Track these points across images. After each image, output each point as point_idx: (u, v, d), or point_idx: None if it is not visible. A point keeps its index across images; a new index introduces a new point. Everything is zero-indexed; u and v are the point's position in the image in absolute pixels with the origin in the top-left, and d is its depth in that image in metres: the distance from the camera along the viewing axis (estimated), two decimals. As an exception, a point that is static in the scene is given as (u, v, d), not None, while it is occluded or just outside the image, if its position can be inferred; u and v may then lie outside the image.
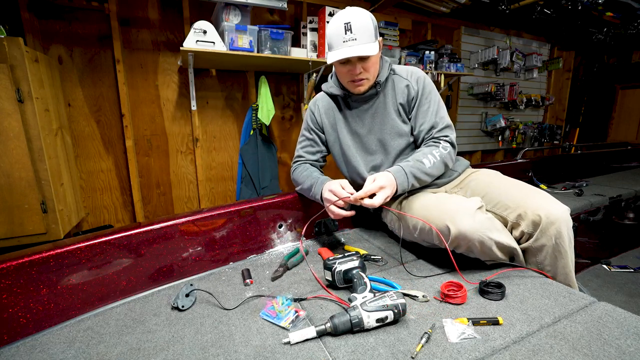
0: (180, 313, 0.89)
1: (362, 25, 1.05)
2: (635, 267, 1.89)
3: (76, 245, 0.94)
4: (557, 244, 0.97)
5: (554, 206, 0.98)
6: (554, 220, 0.96)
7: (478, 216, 0.95)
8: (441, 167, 1.16)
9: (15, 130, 1.44)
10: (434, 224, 0.99)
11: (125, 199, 2.18)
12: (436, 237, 1.00)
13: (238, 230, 1.22)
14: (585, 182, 2.35)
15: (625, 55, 4.17)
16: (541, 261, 1.02)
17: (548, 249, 0.98)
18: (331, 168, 1.49)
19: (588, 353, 0.67)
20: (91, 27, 1.94)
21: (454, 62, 2.80)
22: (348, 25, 1.04)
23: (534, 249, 1.01)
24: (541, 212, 0.97)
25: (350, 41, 1.05)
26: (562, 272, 1.00)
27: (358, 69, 1.10)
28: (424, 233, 1.06)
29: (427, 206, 1.06)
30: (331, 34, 1.08)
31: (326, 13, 2.11)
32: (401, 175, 1.07)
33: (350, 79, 1.14)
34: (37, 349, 0.78)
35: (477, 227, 0.93)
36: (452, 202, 1.01)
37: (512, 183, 1.15)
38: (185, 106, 2.25)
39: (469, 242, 0.94)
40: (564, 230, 0.96)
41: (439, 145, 1.16)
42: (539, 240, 0.99)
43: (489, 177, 1.21)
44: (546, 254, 1.00)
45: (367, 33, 1.05)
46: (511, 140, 3.75)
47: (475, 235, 0.92)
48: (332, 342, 0.74)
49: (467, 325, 0.76)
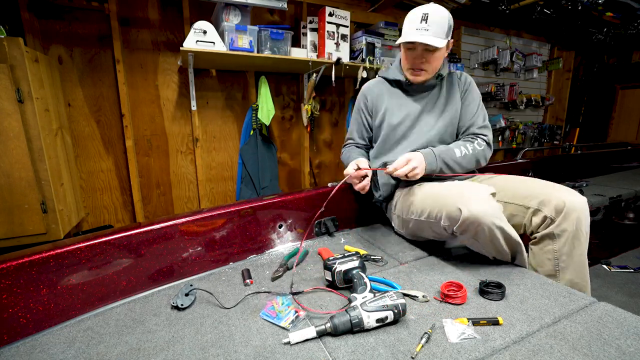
0: (180, 313, 0.89)
1: (438, 20, 1.13)
2: (636, 267, 1.89)
3: (76, 246, 0.94)
4: (577, 230, 1.00)
5: (575, 195, 1.04)
6: (577, 208, 1.00)
7: (491, 201, 0.97)
8: (472, 160, 1.23)
9: (15, 130, 1.43)
10: (445, 207, 1.00)
11: (125, 199, 2.18)
12: (445, 220, 1.00)
13: (238, 231, 1.22)
14: (585, 182, 2.35)
15: (625, 55, 4.17)
16: (559, 248, 1.03)
17: (569, 234, 1.01)
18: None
19: (588, 353, 0.67)
20: (91, 27, 1.93)
21: (454, 62, 2.81)
22: (425, 16, 1.13)
23: (555, 234, 1.03)
24: (565, 199, 1.01)
25: (423, 30, 1.13)
26: (578, 260, 1.02)
27: (421, 58, 1.19)
28: (432, 217, 1.06)
29: (441, 191, 1.08)
30: (408, 20, 1.18)
31: (326, 13, 2.11)
32: (430, 157, 1.17)
33: (411, 66, 1.23)
34: (37, 349, 0.78)
35: (490, 211, 0.94)
36: (466, 187, 1.03)
37: (529, 178, 1.22)
38: (185, 106, 2.25)
39: (477, 227, 0.94)
40: (583, 218, 1.01)
41: (474, 141, 1.26)
42: (561, 225, 1.01)
43: (506, 176, 1.27)
44: (566, 241, 1.01)
45: (440, 29, 1.13)
46: (511, 141, 3.75)
47: (487, 219, 0.93)
48: (332, 342, 0.74)
49: (467, 326, 0.76)
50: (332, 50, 2.17)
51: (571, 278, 1.02)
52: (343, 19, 2.18)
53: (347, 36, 2.21)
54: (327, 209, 1.43)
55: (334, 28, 2.16)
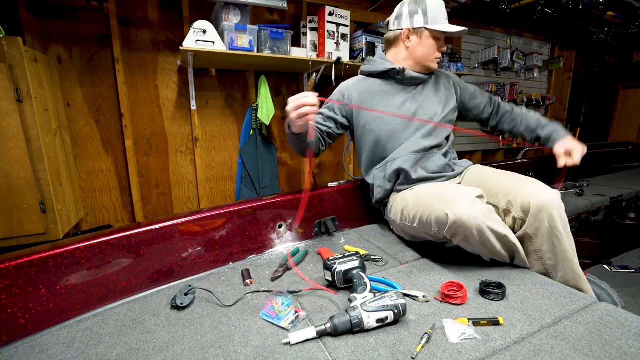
0: (179, 313, 0.89)
1: None
2: (637, 267, 1.89)
3: (75, 246, 0.94)
4: (551, 228, 0.97)
5: (543, 191, 0.99)
6: (544, 205, 0.96)
7: (477, 204, 0.95)
8: None
9: (14, 130, 1.43)
10: (433, 212, 1.00)
11: (125, 199, 2.18)
12: (434, 225, 1.00)
13: (238, 230, 1.21)
14: (586, 182, 2.35)
15: (626, 55, 4.16)
16: (539, 248, 1.01)
17: (543, 233, 0.98)
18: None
19: (589, 354, 0.67)
20: (90, 26, 1.93)
21: (455, 61, 2.80)
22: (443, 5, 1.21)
23: (529, 235, 1.01)
24: (530, 197, 0.98)
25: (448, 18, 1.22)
26: (563, 257, 0.98)
27: (445, 47, 1.28)
28: (423, 223, 1.06)
29: (429, 195, 1.08)
30: (437, 7, 1.21)
31: (326, 12, 2.10)
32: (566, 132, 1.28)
33: (436, 55, 1.27)
34: (36, 349, 0.78)
35: (476, 214, 0.92)
36: (452, 190, 1.02)
37: (503, 174, 1.18)
38: (184, 106, 2.24)
39: (466, 230, 0.93)
40: (555, 213, 0.96)
41: (513, 105, 1.44)
42: (533, 225, 0.99)
43: (483, 170, 1.25)
44: (543, 240, 0.99)
45: None
46: (512, 140, 3.74)
47: (473, 222, 0.91)
48: (332, 342, 0.73)
49: (467, 326, 0.76)
50: (332, 50, 2.17)
51: (562, 275, 1.00)
52: (343, 18, 2.17)
53: (347, 36, 2.21)
54: (327, 209, 1.43)
55: (334, 27, 2.15)
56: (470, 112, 1.45)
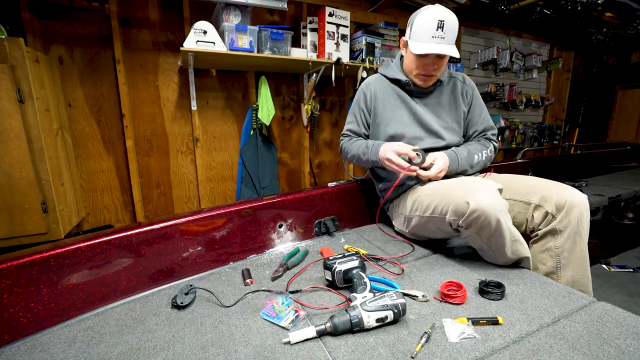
0: (180, 313, 0.89)
1: (453, 27, 1.13)
2: (635, 267, 1.90)
3: (76, 245, 0.94)
4: (578, 227, 1.01)
5: (576, 193, 1.05)
6: (578, 204, 1.01)
7: (498, 196, 0.98)
8: (483, 165, 1.30)
9: (15, 130, 1.44)
10: (452, 201, 1.02)
11: (126, 199, 2.18)
12: (451, 214, 1.02)
13: (238, 230, 1.22)
14: (585, 182, 2.35)
15: (624, 56, 4.17)
16: (561, 245, 1.04)
17: (570, 230, 1.02)
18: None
19: (587, 353, 0.67)
20: (92, 27, 1.94)
21: (454, 62, 2.80)
22: (441, 23, 1.11)
23: (557, 230, 1.04)
24: (566, 196, 1.03)
25: (439, 38, 1.13)
26: (579, 256, 1.03)
27: (433, 65, 1.18)
28: (437, 212, 1.08)
29: (449, 185, 1.09)
30: (422, 25, 1.14)
31: (326, 13, 2.11)
32: (454, 162, 1.21)
33: (423, 72, 1.22)
34: (38, 348, 0.78)
35: (497, 206, 0.94)
36: (474, 181, 1.05)
37: (531, 177, 1.23)
38: (185, 106, 2.25)
39: (484, 220, 0.95)
40: (584, 214, 1.02)
41: (488, 148, 1.30)
42: (563, 222, 1.02)
43: (508, 175, 1.28)
44: (568, 237, 1.02)
45: (453, 35, 1.14)
46: (511, 141, 3.75)
47: (493, 212, 0.93)
48: (332, 341, 0.74)
49: (466, 325, 0.76)
50: (332, 50, 2.17)
51: (573, 274, 1.03)
52: (343, 19, 2.18)
53: (347, 36, 2.21)
54: (327, 208, 1.44)
55: (333, 28, 2.16)
56: None
